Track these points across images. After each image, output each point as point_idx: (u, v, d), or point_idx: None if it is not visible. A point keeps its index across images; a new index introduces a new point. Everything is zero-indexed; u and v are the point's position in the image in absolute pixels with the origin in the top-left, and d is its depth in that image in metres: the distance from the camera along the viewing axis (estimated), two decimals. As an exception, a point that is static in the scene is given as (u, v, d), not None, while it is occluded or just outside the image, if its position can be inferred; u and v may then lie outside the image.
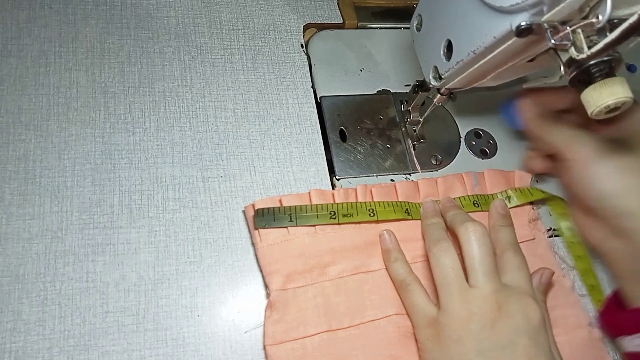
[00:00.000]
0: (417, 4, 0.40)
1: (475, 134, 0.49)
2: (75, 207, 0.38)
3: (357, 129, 0.47)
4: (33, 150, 0.40)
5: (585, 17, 0.27)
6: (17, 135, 0.40)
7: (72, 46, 0.44)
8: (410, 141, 0.47)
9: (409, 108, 0.46)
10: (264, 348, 0.36)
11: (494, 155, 0.48)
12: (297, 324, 0.36)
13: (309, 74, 0.49)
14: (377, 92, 0.49)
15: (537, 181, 0.47)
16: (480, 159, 0.47)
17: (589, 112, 0.31)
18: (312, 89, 0.48)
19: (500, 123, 0.49)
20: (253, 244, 0.39)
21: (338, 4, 0.53)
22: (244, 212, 0.41)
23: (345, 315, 0.37)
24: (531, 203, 0.45)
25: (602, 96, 0.30)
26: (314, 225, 0.39)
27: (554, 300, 0.41)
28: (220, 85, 0.46)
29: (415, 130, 0.47)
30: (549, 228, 0.45)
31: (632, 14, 0.26)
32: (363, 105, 0.48)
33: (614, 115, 0.31)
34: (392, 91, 0.49)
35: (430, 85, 0.39)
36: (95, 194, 0.39)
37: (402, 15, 0.54)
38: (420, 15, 0.39)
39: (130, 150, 0.41)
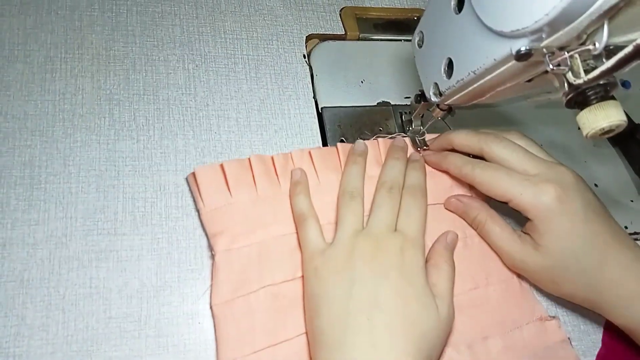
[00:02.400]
0: (418, 17, 0.40)
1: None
2: (80, 213, 0.39)
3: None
4: (38, 156, 0.40)
5: (583, 44, 0.28)
6: (23, 141, 0.40)
7: (78, 53, 0.45)
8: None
9: (412, 117, 0.47)
10: (211, 308, 0.37)
11: (491, 168, 0.49)
12: (242, 283, 0.37)
13: (311, 84, 0.49)
14: (378, 103, 0.50)
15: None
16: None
17: (584, 133, 0.32)
18: (313, 100, 0.49)
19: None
20: (197, 210, 0.40)
21: (340, 15, 0.54)
22: (187, 179, 0.42)
23: (287, 270, 0.39)
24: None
25: (597, 119, 0.31)
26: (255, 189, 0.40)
27: (490, 251, 0.43)
28: (223, 94, 0.46)
29: (417, 138, 0.47)
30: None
31: (628, 42, 0.27)
32: (363, 117, 0.49)
33: (607, 136, 0.32)
34: (392, 103, 0.50)
35: (431, 102, 0.40)
36: (99, 200, 0.40)
37: (403, 27, 0.55)
38: (422, 32, 0.40)
39: (134, 157, 0.42)
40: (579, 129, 0.51)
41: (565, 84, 0.31)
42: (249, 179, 0.40)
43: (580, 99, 0.31)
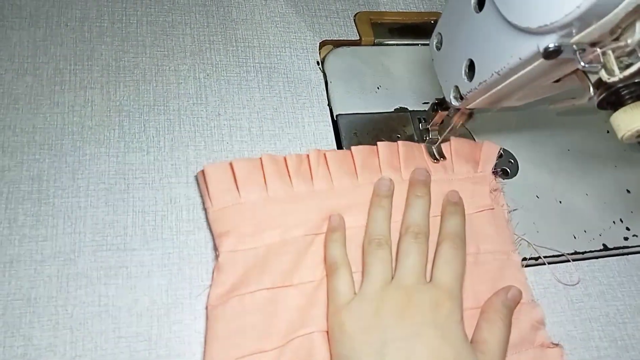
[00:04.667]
0: (435, 21, 0.39)
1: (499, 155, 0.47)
2: (89, 228, 0.38)
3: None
4: (47, 170, 0.39)
5: (616, 39, 0.26)
6: (32, 155, 0.39)
7: (88, 64, 0.44)
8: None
9: (428, 126, 0.45)
10: (206, 309, 0.36)
11: (515, 175, 0.47)
12: (240, 284, 0.36)
13: (325, 91, 0.48)
14: (395, 110, 0.48)
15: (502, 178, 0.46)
16: (501, 179, 0.46)
17: (619, 135, 0.29)
18: (328, 107, 0.47)
19: (522, 142, 0.48)
20: (205, 209, 0.39)
21: (354, 20, 0.52)
22: (196, 177, 0.41)
23: (286, 274, 0.37)
24: (494, 172, 0.45)
25: (633, 119, 0.29)
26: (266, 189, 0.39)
27: (501, 273, 0.40)
28: (235, 104, 0.45)
29: (434, 149, 0.46)
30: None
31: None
32: (380, 124, 0.47)
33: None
34: (409, 109, 0.48)
35: (451, 105, 0.38)
36: (108, 214, 0.38)
37: (419, 31, 0.54)
38: (440, 34, 0.38)
39: (144, 169, 0.41)
40: (608, 132, 0.49)
41: (591, 87, 0.29)
42: (259, 179, 0.39)
43: (613, 98, 0.29)
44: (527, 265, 0.42)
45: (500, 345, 0.35)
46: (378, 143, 0.43)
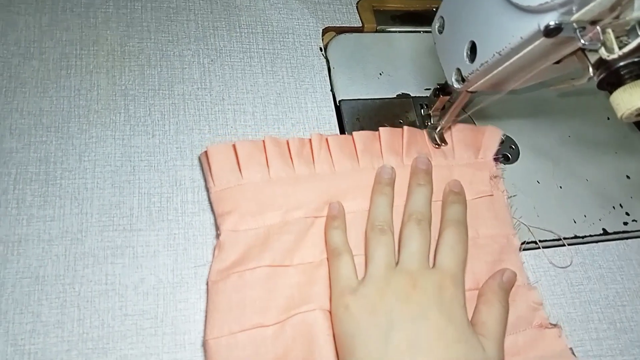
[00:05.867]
0: (436, 7, 0.39)
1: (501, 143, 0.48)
2: (95, 209, 0.38)
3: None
4: (54, 152, 0.40)
5: (616, 17, 0.27)
6: (39, 137, 0.40)
7: (93, 49, 0.45)
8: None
9: (430, 112, 0.45)
10: (207, 284, 0.36)
11: (516, 160, 0.47)
12: (241, 261, 0.36)
13: (328, 77, 0.48)
14: (397, 95, 0.49)
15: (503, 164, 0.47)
16: (502, 164, 0.47)
17: (618, 114, 0.30)
18: (331, 93, 0.48)
19: (523, 128, 0.48)
20: (207, 189, 0.40)
21: (357, 7, 0.53)
22: (199, 158, 0.41)
23: (286, 254, 0.37)
24: (496, 159, 0.45)
25: (632, 98, 0.29)
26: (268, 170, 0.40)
27: (499, 256, 0.41)
28: (239, 89, 0.46)
29: (435, 134, 0.46)
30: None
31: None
32: (382, 109, 0.47)
33: None
34: (412, 95, 0.49)
35: (453, 89, 0.39)
36: (115, 196, 0.39)
37: (421, 18, 0.54)
38: (442, 18, 0.38)
39: (149, 152, 0.41)
40: (609, 118, 0.49)
41: (590, 68, 0.29)
42: (261, 161, 0.40)
43: (613, 78, 0.29)
44: (527, 249, 0.43)
45: (499, 326, 0.36)
46: (380, 128, 0.43)
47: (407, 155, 0.43)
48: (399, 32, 0.53)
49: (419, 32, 0.53)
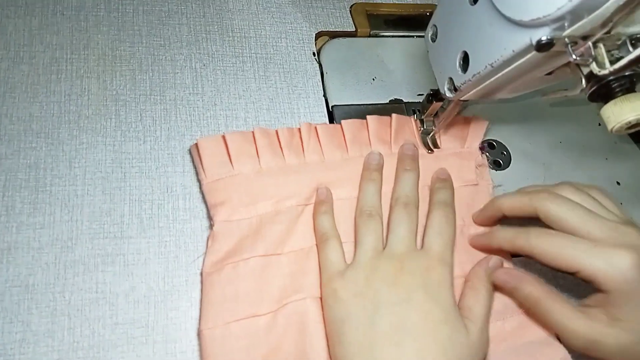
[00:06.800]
0: (430, 13, 0.39)
1: (489, 144, 0.48)
2: (86, 216, 0.38)
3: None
4: (44, 158, 0.39)
5: (608, 33, 0.27)
6: (28, 143, 0.40)
7: (84, 53, 0.44)
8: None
9: (422, 117, 0.45)
10: (201, 274, 0.36)
11: (508, 166, 0.47)
12: (235, 252, 0.37)
13: (321, 82, 0.48)
14: (390, 101, 0.49)
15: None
16: (493, 170, 0.47)
17: (609, 127, 0.30)
18: (324, 98, 0.47)
19: (515, 134, 0.48)
20: (199, 181, 0.40)
21: (350, 12, 0.53)
22: (189, 151, 0.41)
23: (278, 243, 0.38)
24: (481, 148, 0.46)
25: (622, 112, 0.29)
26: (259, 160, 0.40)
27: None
28: (231, 94, 0.45)
29: (428, 139, 0.46)
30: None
31: (656, 30, 0.25)
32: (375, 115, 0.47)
33: (633, 131, 0.31)
34: (404, 100, 0.49)
35: (445, 97, 0.39)
36: (105, 203, 0.39)
37: (415, 23, 0.54)
38: (435, 26, 0.38)
39: (140, 159, 0.41)
40: (599, 125, 0.50)
41: (583, 80, 0.30)
42: (252, 152, 0.40)
43: (604, 91, 0.30)
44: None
45: (484, 310, 0.36)
46: (368, 117, 0.44)
47: (395, 143, 0.44)
48: (392, 36, 0.53)
49: (413, 36, 0.53)
